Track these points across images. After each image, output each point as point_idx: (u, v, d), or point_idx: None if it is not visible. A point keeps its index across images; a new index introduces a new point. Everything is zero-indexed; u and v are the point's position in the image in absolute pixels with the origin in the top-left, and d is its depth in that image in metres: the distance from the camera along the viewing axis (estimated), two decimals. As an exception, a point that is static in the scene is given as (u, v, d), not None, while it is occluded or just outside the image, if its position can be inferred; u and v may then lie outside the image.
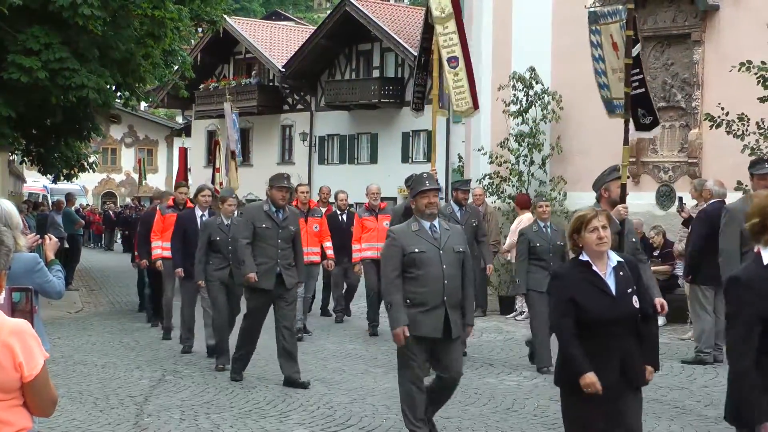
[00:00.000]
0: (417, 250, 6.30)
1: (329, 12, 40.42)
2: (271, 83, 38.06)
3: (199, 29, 24.82)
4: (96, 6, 13.73)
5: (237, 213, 10.13)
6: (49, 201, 29.16)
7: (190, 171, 31.62)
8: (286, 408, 7.92)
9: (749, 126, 11.42)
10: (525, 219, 13.74)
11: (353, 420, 7.44)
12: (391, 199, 31.51)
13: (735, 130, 11.41)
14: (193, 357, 10.34)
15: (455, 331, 6.38)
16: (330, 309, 13.97)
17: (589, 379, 4.53)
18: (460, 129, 26.39)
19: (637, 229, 10.77)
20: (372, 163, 34.02)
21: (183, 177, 19.00)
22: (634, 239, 7.27)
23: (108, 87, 15.87)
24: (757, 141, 11.44)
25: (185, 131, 46.43)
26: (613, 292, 4.66)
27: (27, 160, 22.06)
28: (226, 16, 28.01)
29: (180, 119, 54.58)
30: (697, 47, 13.66)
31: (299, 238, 9.09)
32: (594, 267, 4.69)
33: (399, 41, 32.11)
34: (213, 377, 9.22)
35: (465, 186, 11.17)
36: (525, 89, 15.27)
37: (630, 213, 11.73)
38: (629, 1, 7.60)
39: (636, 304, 4.70)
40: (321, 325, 13.01)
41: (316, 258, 12.06)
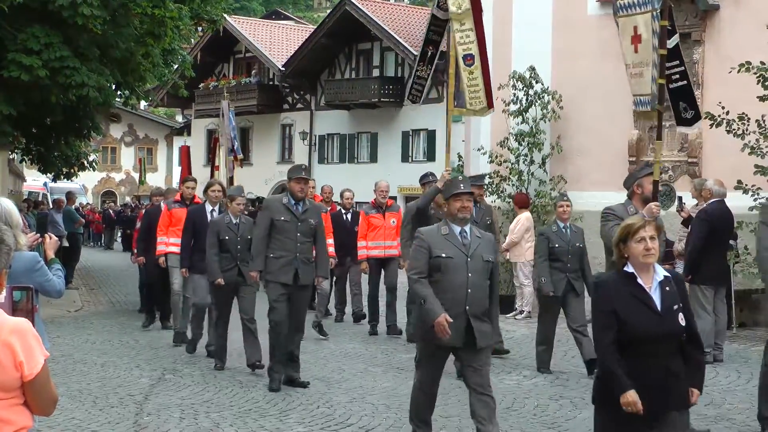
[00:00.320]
0: (443, 255, 6.01)
1: (329, 11, 40.42)
2: (271, 82, 38.06)
3: (199, 28, 24.77)
4: (96, 5, 13.72)
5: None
6: (49, 200, 29.17)
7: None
8: (285, 407, 7.92)
9: (749, 125, 11.43)
10: (524, 218, 13.76)
11: (353, 419, 7.44)
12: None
13: (735, 129, 11.41)
14: (193, 356, 10.33)
15: (480, 341, 6.04)
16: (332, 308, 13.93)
17: (631, 398, 4.26)
18: (459, 128, 26.41)
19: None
20: (372, 163, 34.03)
21: (186, 176, 18.97)
22: (664, 240, 7.15)
23: (108, 86, 15.86)
24: (758, 140, 11.44)
25: (185, 130, 46.44)
26: (658, 308, 4.38)
27: (27, 158, 22.06)
28: (226, 15, 28.02)
29: (180, 118, 54.61)
30: (697, 47, 13.67)
31: (322, 232, 8.82)
32: (639, 280, 4.42)
33: (399, 40, 32.11)
34: (213, 376, 9.22)
35: (479, 181, 10.72)
36: (525, 88, 15.28)
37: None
38: None
39: (682, 321, 4.43)
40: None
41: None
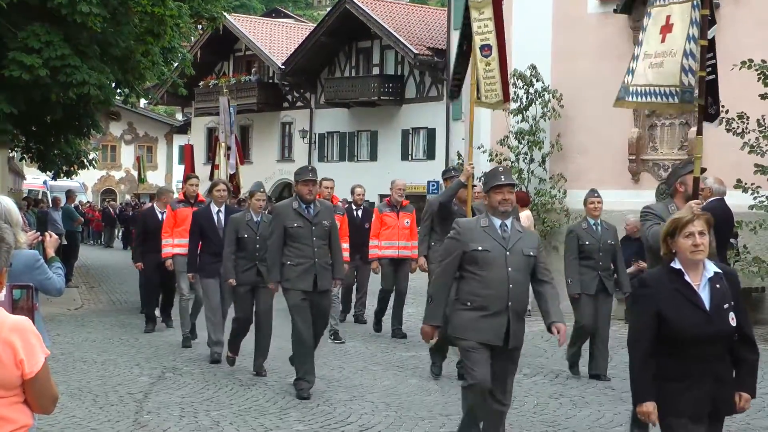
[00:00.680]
0: (480, 247, 5.71)
1: (329, 9, 40.42)
2: (271, 80, 38.06)
3: (199, 26, 24.78)
4: (95, 3, 13.72)
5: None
6: (49, 198, 29.17)
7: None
8: (285, 405, 7.92)
9: (749, 124, 11.42)
10: (524, 217, 13.76)
11: (353, 417, 7.44)
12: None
13: (735, 128, 11.41)
14: (193, 354, 10.33)
15: (513, 341, 5.82)
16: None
17: (646, 409, 4.13)
18: (459, 126, 26.40)
19: (637, 228, 10.75)
20: (372, 161, 34.03)
21: (190, 173, 18.94)
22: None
23: (108, 84, 15.86)
24: (758, 139, 11.44)
25: (185, 128, 46.43)
26: (707, 306, 4.15)
27: (27, 156, 22.05)
28: (225, 13, 27.99)
29: (179, 116, 54.61)
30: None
31: (336, 233, 8.51)
32: (686, 277, 4.19)
33: (399, 39, 32.11)
34: (213, 374, 9.22)
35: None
36: (525, 87, 15.29)
37: (629, 211, 11.76)
38: None
39: (733, 322, 4.19)
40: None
41: None
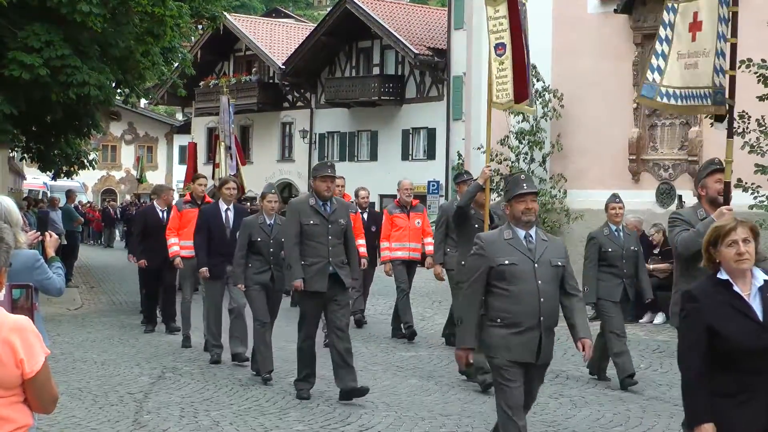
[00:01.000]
0: (507, 261, 5.44)
1: (329, 9, 40.44)
2: (271, 80, 38.05)
3: (200, 26, 24.80)
4: (95, 3, 13.73)
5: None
6: (49, 198, 29.18)
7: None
8: (285, 405, 7.92)
9: (749, 124, 11.42)
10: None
11: (352, 417, 7.44)
12: (391, 197, 31.53)
13: (735, 128, 11.39)
14: (193, 354, 10.33)
15: (543, 357, 5.54)
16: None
17: (705, 431, 3.88)
18: (460, 126, 26.40)
19: (637, 228, 10.75)
20: (372, 161, 34.03)
21: (193, 173, 18.91)
22: None
23: (108, 84, 15.86)
24: (758, 139, 11.44)
25: (185, 128, 46.43)
26: (759, 317, 3.93)
27: (27, 156, 22.05)
28: (226, 13, 28.02)
29: (180, 116, 54.62)
30: (698, 45, 13.64)
31: (351, 232, 8.28)
32: (735, 287, 3.98)
33: (399, 38, 32.11)
34: (213, 374, 9.22)
35: None
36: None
37: (630, 211, 11.76)
38: None
39: None
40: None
41: None
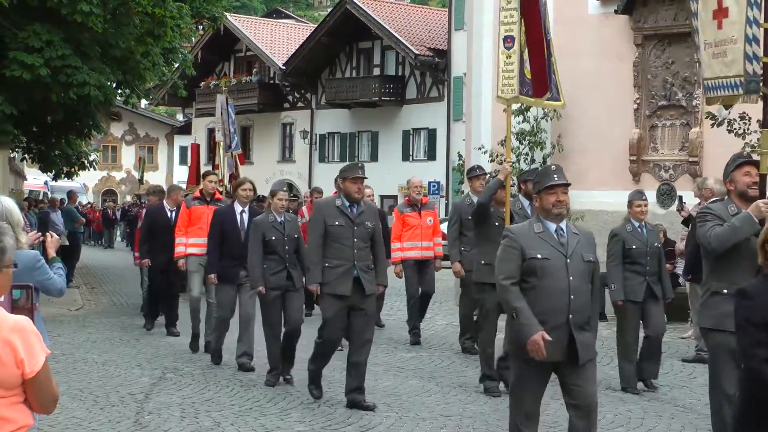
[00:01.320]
0: (539, 255, 5.23)
1: (330, 10, 40.43)
2: (272, 81, 38.08)
3: (200, 27, 24.81)
4: (95, 3, 13.74)
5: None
6: (49, 198, 29.19)
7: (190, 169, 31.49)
8: (286, 406, 7.91)
9: (750, 125, 11.41)
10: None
11: (353, 418, 7.43)
12: (392, 197, 31.56)
13: (736, 129, 11.40)
14: (194, 355, 10.32)
15: (583, 355, 5.25)
16: None
17: None
18: (460, 127, 26.40)
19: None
20: (372, 161, 34.04)
21: (196, 174, 18.91)
22: None
23: (109, 84, 15.87)
24: (758, 140, 11.43)
25: (186, 129, 46.43)
26: None
27: (28, 157, 22.07)
28: (226, 13, 28.03)
29: (180, 117, 54.64)
30: (698, 46, 13.65)
31: (379, 236, 7.97)
32: None
33: (400, 39, 32.13)
34: (214, 375, 9.21)
35: (531, 176, 9.91)
36: (526, 87, 15.24)
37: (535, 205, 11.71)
38: None
39: None
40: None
41: None
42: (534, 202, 5.49)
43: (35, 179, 35.17)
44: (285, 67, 35.75)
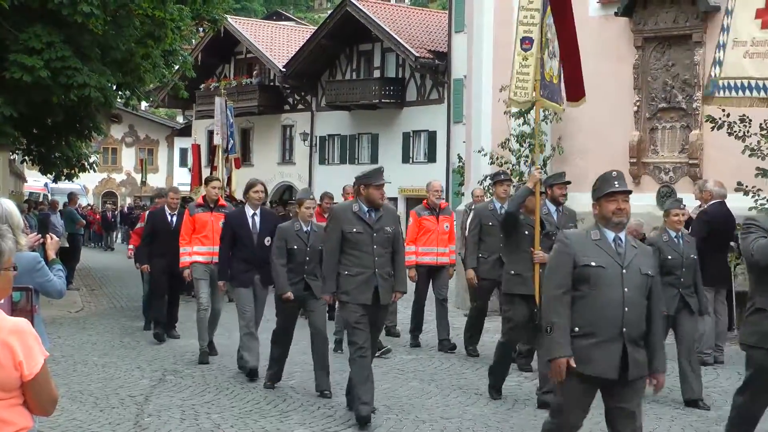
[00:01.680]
0: (593, 263, 4.95)
1: (330, 12, 40.44)
2: (272, 83, 38.08)
3: (200, 29, 24.84)
4: (96, 4, 13.75)
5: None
6: (49, 200, 29.18)
7: (190, 170, 31.45)
8: (286, 408, 7.92)
9: (750, 127, 11.41)
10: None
11: (353, 420, 7.42)
12: (392, 200, 31.56)
13: (737, 131, 11.39)
14: (194, 356, 10.31)
15: (633, 372, 4.96)
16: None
17: None
18: (460, 129, 26.40)
19: (638, 231, 10.72)
20: (373, 163, 33.97)
21: (198, 175, 18.93)
22: None
23: (109, 86, 15.89)
24: (759, 142, 11.43)
25: (186, 131, 46.43)
26: None
27: (28, 159, 22.07)
28: (227, 15, 28.05)
29: (180, 119, 54.65)
30: (698, 48, 13.65)
31: (399, 241, 7.67)
32: None
33: (400, 41, 32.13)
34: (214, 377, 9.21)
35: (560, 179, 9.18)
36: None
37: (631, 213, 11.75)
38: None
39: None
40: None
41: None
42: (593, 209, 5.21)
43: (35, 181, 35.16)
44: (285, 70, 35.75)
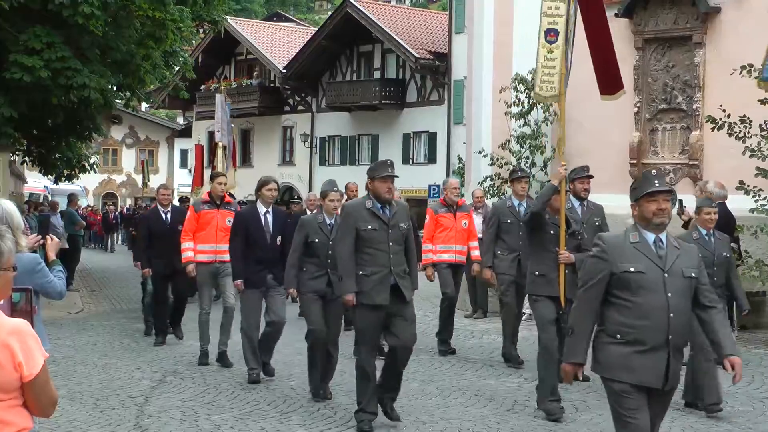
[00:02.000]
0: (633, 269, 4.76)
1: (330, 13, 40.45)
2: (272, 84, 38.09)
3: (201, 30, 24.84)
4: (96, 5, 13.75)
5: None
6: (49, 202, 29.17)
7: (190, 171, 31.49)
8: (286, 409, 7.91)
9: (751, 128, 11.41)
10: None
11: (353, 421, 7.41)
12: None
13: (737, 132, 11.39)
14: (194, 358, 10.30)
15: (672, 381, 4.83)
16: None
17: None
18: (461, 130, 26.40)
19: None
20: (373, 165, 34.01)
21: (200, 175, 18.92)
22: None
23: (109, 87, 15.90)
24: (759, 143, 11.43)
25: (186, 132, 46.44)
26: None
27: (28, 160, 22.08)
28: (227, 17, 28.05)
29: (181, 120, 54.67)
30: (699, 49, 13.65)
31: (412, 237, 7.45)
32: None
33: (400, 42, 32.14)
34: (214, 378, 9.20)
35: (581, 174, 9.06)
36: (527, 91, 15.27)
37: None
38: None
39: None
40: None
41: None
42: (632, 210, 5.03)
43: (35, 182, 35.14)
44: (285, 71, 35.77)
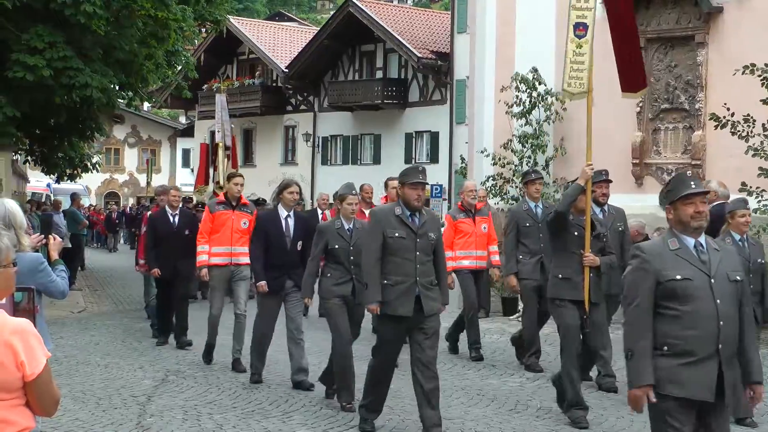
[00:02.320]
0: (679, 276, 4.49)
1: (332, 13, 40.47)
2: (275, 84, 38.10)
3: (203, 30, 24.86)
4: (98, 5, 13.76)
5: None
6: (52, 201, 29.18)
7: (192, 171, 31.53)
8: (289, 408, 7.91)
9: (755, 127, 11.39)
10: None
11: (356, 421, 7.42)
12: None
13: (740, 131, 11.38)
14: (196, 357, 10.30)
15: (729, 394, 4.54)
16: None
17: None
18: (463, 130, 26.39)
19: (639, 232, 10.71)
20: (375, 164, 34.03)
21: (205, 175, 18.93)
22: None
23: (112, 87, 15.91)
24: (762, 143, 11.42)
25: (189, 131, 46.46)
26: None
27: (30, 159, 22.10)
28: (229, 16, 28.06)
29: (183, 119, 54.70)
30: (701, 49, 13.64)
31: (442, 248, 7.25)
32: None
33: (402, 42, 32.13)
34: (216, 377, 9.21)
35: (599, 178, 8.67)
36: (528, 90, 15.25)
37: (633, 215, 11.74)
38: None
39: None
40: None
41: None
42: (667, 214, 4.74)
43: (38, 182, 35.17)
44: (288, 70, 35.77)
